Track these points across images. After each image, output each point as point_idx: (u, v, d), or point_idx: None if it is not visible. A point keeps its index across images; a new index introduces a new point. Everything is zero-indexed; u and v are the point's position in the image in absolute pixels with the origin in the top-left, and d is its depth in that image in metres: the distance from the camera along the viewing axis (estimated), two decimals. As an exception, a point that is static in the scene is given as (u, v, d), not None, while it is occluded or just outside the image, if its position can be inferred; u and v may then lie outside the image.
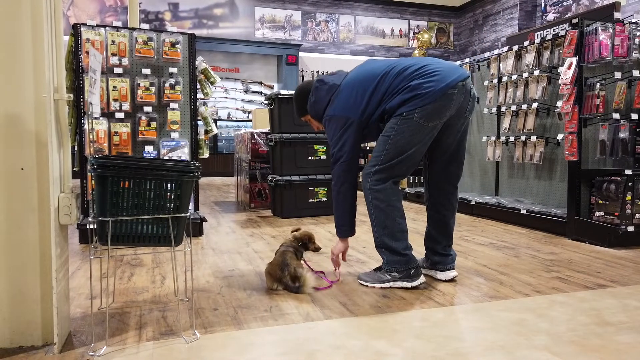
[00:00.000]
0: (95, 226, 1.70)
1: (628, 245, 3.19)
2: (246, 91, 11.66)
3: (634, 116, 3.34)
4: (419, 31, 12.94)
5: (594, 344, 1.71)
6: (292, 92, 4.65)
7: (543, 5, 10.54)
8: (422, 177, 6.02)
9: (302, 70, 12.19)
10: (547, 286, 2.38)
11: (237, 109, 11.47)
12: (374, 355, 1.63)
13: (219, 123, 11.04)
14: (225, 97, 11.42)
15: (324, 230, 3.91)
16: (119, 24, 3.55)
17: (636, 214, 3.23)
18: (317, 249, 2.53)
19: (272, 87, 11.81)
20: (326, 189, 4.68)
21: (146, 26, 3.72)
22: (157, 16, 11.42)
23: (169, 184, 1.70)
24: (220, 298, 2.20)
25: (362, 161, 7.45)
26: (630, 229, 3.17)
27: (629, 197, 3.18)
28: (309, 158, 4.62)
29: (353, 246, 3.32)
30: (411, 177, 5.98)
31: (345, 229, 2.42)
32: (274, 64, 12.04)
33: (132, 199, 1.67)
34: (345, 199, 2.39)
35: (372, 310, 2.06)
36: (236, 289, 2.34)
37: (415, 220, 4.45)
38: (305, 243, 2.48)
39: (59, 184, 1.68)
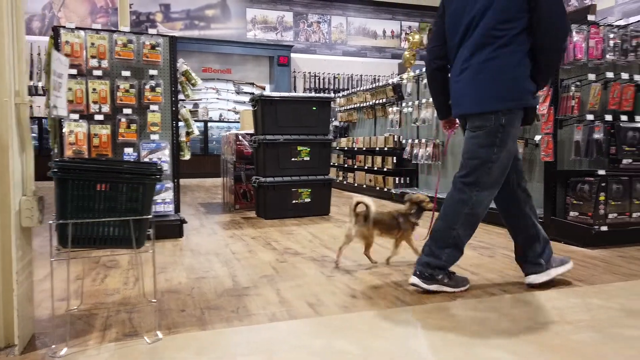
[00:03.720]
0: (58, 229, 1.72)
1: (601, 244, 3.22)
2: (238, 92, 11.68)
3: (608, 117, 3.37)
4: (411, 32, 12.97)
5: (550, 343, 1.74)
6: (275, 93, 4.68)
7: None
8: (408, 178, 6.05)
9: (294, 71, 12.22)
10: (516, 286, 2.41)
11: (228, 110, 11.48)
12: (333, 354, 1.65)
13: (210, 124, 11.05)
14: (217, 98, 11.44)
15: (305, 232, 3.94)
16: (110, 25, 3.56)
17: (609, 214, 3.26)
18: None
19: (263, 88, 11.83)
20: (310, 190, 4.71)
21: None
22: (149, 17, 11.42)
23: (130, 186, 1.72)
24: (190, 299, 2.22)
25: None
26: (604, 228, 3.20)
27: (602, 197, 3.22)
28: (292, 159, 4.65)
29: (331, 247, 3.34)
30: (396, 178, 6.00)
31: (441, 114, 2.57)
32: (266, 65, 12.07)
33: (94, 201, 1.69)
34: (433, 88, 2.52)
35: (339, 310, 2.09)
36: (207, 290, 2.36)
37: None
38: (420, 205, 2.75)
39: (21, 187, 1.70)
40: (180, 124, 3.90)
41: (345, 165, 7.59)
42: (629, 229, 3.32)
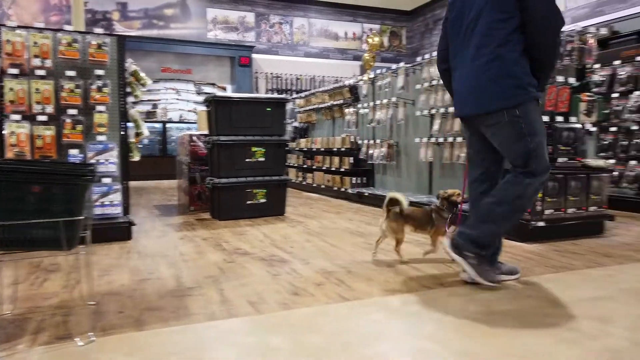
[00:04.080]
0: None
1: (538, 239, 3.39)
2: (198, 93, 11.53)
3: (545, 118, 3.55)
4: (370, 34, 13.15)
5: (474, 331, 1.84)
6: (229, 94, 4.68)
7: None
8: (364, 178, 6.15)
9: (256, 72, 12.19)
10: (451, 280, 2.52)
11: (189, 111, 11.32)
12: (265, 351, 1.69)
13: (169, 125, 10.88)
14: (177, 99, 11.27)
15: (257, 232, 3.95)
16: (64, 24, 3.48)
17: (546, 210, 3.44)
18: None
19: (224, 89, 11.73)
20: (265, 191, 4.72)
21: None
22: (105, 16, 11.14)
23: (61, 187, 1.71)
24: (130, 301, 2.21)
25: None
26: (540, 224, 3.37)
27: (539, 194, 3.38)
28: (247, 160, 4.65)
29: (282, 247, 3.37)
30: (353, 178, 6.09)
31: None
32: (227, 65, 11.98)
33: (24, 203, 1.67)
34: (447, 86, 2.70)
35: (279, 307, 2.12)
36: (150, 292, 2.35)
37: (352, 220, 4.56)
38: (449, 200, 2.84)
39: (-56, 190, 1.66)
40: (130, 124, 3.85)
41: (305, 166, 7.64)
42: (563, 224, 3.50)
